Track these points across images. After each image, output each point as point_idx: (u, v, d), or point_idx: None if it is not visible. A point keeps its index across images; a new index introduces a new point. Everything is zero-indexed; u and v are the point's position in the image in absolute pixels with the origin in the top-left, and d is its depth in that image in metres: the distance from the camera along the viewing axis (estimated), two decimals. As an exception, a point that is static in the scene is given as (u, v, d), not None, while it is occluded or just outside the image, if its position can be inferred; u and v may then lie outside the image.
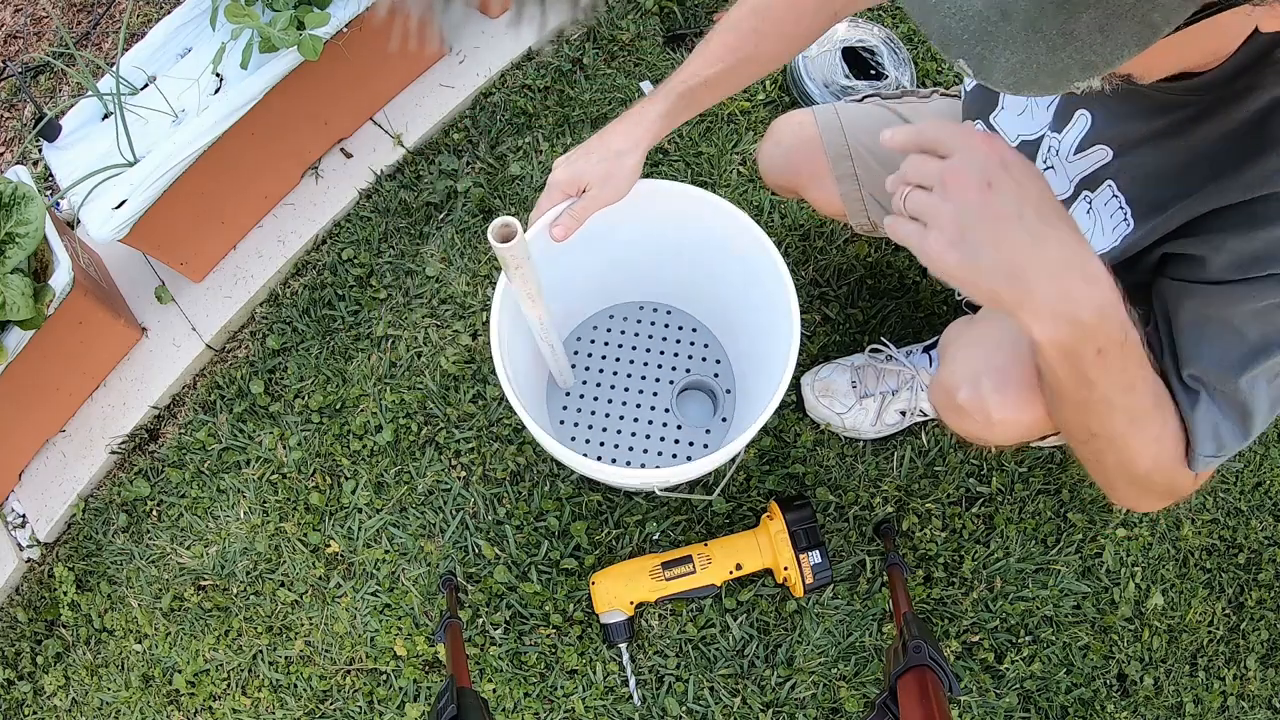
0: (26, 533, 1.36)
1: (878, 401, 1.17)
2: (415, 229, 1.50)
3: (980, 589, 1.26)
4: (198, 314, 1.44)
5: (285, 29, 1.23)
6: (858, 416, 1.17)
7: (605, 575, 1.17)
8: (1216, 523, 1.35)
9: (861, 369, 1.20)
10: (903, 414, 1.18)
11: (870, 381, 1.18)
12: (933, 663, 0.70)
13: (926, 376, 1.19)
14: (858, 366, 1.20)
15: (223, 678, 1.26)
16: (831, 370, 1.19)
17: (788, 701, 1.21)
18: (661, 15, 1.69)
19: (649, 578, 1.15)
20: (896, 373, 1.19)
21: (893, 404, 1.18)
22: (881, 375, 1.19)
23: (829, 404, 1.20)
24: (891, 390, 1.18)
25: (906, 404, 1.17)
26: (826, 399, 1.17)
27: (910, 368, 1.19)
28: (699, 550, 1.17)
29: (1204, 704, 1.26)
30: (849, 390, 1.17)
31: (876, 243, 1.48)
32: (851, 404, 1.16)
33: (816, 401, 1.21)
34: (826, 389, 1.17)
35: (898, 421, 1.20)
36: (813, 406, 1.22)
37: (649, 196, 1.04)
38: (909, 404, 1.17)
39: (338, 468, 1.35)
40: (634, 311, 1.39)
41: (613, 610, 1.16)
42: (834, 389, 1.17)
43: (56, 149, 1.31)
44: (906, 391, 1.17)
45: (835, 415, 1.18)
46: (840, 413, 1.17)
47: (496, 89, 1.61)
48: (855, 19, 1.58)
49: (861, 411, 1.17)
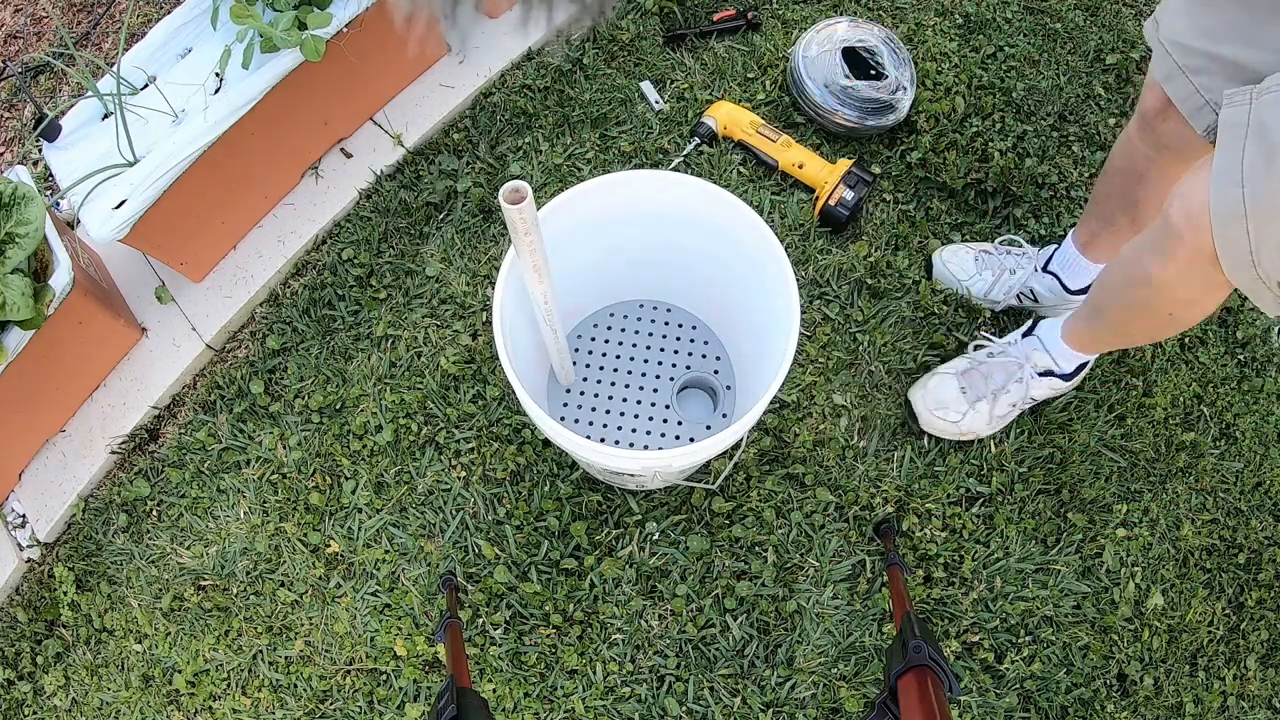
0: (26, 533, 1.36)
1: (989, 402, 1.17)
2: (415, 229, 1.50)
3: (980, 589, 1.26)
4: (198, 314, 1.44)
5: (287, 29, 1.23)
6: (973, 421, 1.17)
7: (724, 104, 1.54)
8: (1216, 523, 1.35)
9: (967, 373, 1.20)
10: (1014, 406, 1.20)
11: (979, 384, 1.19)
12: (933, 663, 0.70)
13: (1039, 359, 1.18)
14: (963, 371, 1.21)
15: (223, 678, 1.26)
16: (938, 382, 1.19)
17: (788, 701, 1.21)
18: (661, 15, 1.69)
19: (749, 123, 1.50)
20: (1003, 365, 1.19)
21: (1004, 398, 1.18)
22: (988, 375, 1.19)
23: (943, 415, 1.21)
24: (1001, 387, 1.18)
25: (1018, 396, 1.18)
26: (940, 411, 1.18)
27: (1017, 356, 1.19)
28: (790, 139, 1.50)
29: (1204, 704, 1.26)
30: (959, 397, 1.18)
31: (877, 242, 1.48)
32: (965, 410, 1.17)
33: (931, 416, 1.22)
34: (938, 402, 1.18)
35: (1008, 413, 1.20)
36: (928, 422, 1.22)
37: (653, 187, 1.04)
38: (1020, 396, 1.18)
39: (338, 468, 1.35)
40: (634, 309, 1.39)
41: (711, 118, 1.53)
42: (945, 400, 1.18)
43: (56, 149, 1.31)
44: (1015, 385, 1.17)
45: (951, 425, 1.18)
46: (955, 421, 1.17)
47: (496, 89, 1.61)
48: (855, 19, 1.59)
49: (975, 415, 1.18)
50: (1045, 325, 1.24)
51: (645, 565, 1.26)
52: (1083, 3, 1.76)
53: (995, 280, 1.37)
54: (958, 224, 1.51)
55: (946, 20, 1.70)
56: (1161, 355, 1.43)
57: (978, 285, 1.39)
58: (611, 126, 1.57)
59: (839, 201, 1.43)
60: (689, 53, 1.65)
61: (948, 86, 1.60)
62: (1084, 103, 1.64)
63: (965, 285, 1.40)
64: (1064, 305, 1.35)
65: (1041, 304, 1.37)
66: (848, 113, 1.50)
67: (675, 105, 1.59)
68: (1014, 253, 1.39)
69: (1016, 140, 1.58)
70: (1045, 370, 1.19)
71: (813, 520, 1.29)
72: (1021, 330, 1.27)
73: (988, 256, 1.39)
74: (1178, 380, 1.42)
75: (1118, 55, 1.69)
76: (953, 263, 1.41)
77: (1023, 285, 1.36)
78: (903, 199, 1.52)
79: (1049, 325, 1.24)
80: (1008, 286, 1.36)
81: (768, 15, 1.70)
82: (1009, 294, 1.37)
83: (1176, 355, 1.44)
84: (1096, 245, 1.26)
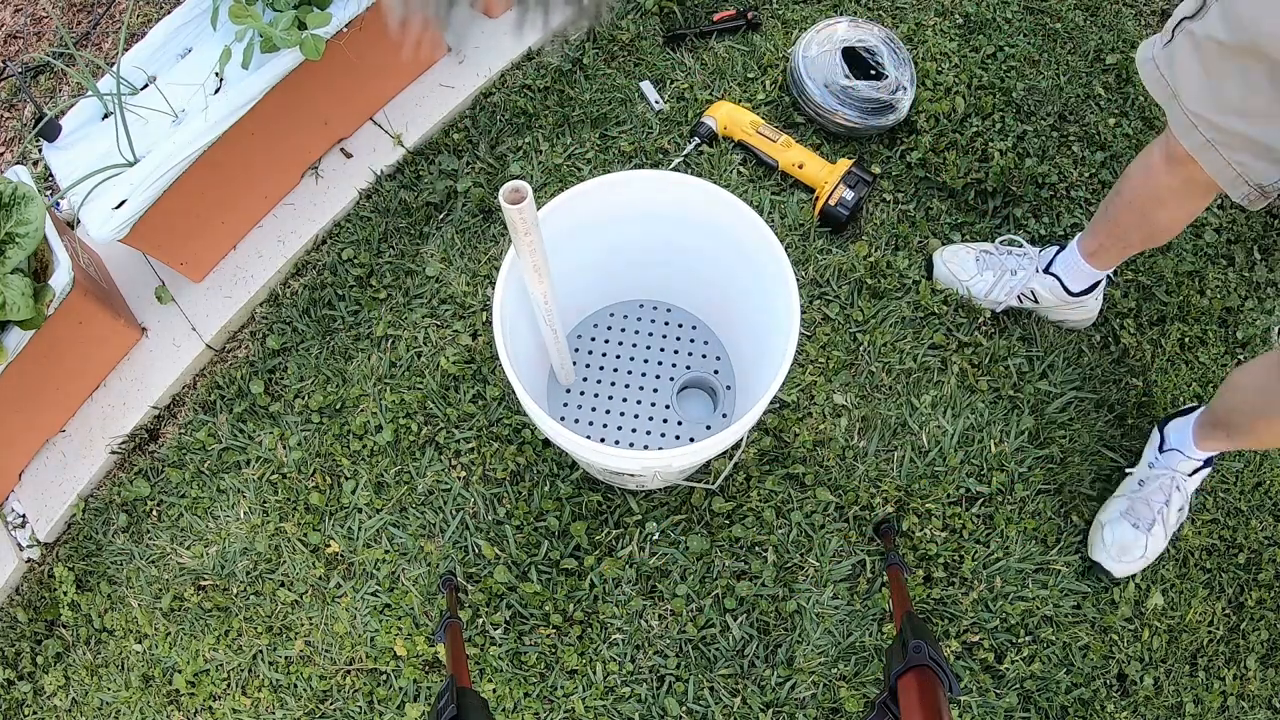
0: (26, 533, 1.36)
1: (1161, 523, 1.27)
2: (415, 229, 1.50)
3: (980, 589, 1.26)
4: (198, 314, 1.44)
5: (287, 29, 1.23)
6: (1156, 544, 1.27)
7: (724, 104, 1.54)
8: (1216, 523, 1.35)
9: (1130, 510, 1.29)
10: (1181, 509, 1.28)
11: (1145, 513, 1.28)
12: (933, 663, 0.70)
13: (1184, 465, 1.27)
14: (1126, 510, 1.29)
15: (223, 678, 1.26)
16: (1112, 531, 1.29)
17: (788, 701, 1.21)
18: (661, 15, 1.69)
19: (749, 123, 1.51)
20: (1158, 487, 1.28)
21: (1171, 513, 1.27)
22: (1149, 500, 1.28)
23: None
24: (1164, 503, 1.27)
25: (1181, 502, 1.27)
26: (1127, 556, 1.27)
27: (1164, 472, 1.28)
28: (790, 139, 1.50)
29: (1204, 704, 1.26)
30: (1136, 533, 1.27)
31: (877, 242, 1.48)
32: (1145, 541, 1.26)
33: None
34: (1122, 549, 1.27)
35: (1179, 517, 1.29)
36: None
37: (653, 187, 1.04)
38: (1182, 502, 1.28)
39: (338, 468, 1.35)
40: (634, 310, 1.39)
41: (711, 118, 1.53)
42: (1126, 543, 1.27)
43: (56, 149, 1.31)
44: (1176, 494, 1.27)
45: (1140, 560, 1.27)
46: (1142, 555, 1.27)
47: (496, 89, 1.61)
48: (855, 19, 1.59)
49: (1155, 539, 1.27)
50: (1175, 431, 1.28)
51: (645, 565, 1.26)
52: (1083, 3, 1.76)
53: (996, 280, 1.38)
54: (958, 224, 1.51)
55: (946, 20, 1.70)
56: (1161, 355, 1.43)
57: (978, 285, 1.40)
58: (611, 126, 1.57)
59: (839, 201, 1.43)
60: (689, 53, 1.65)
61: (948, 86, 1.60)
62: (1084, 103, 1.64)
63: (966, 285, 1.41)
64: (1064, 307, 1.36)
65: (1041, 304, 1.38)
66: (848, 113, 1.50)
67: (675, 105, 1.59)
68: (1015, 253, 1.40)
69: (1016, 140, 1.58)
70: (1193, 470, 1.27)
71: (813, 520, 1.29)
72: (1154, 447, 1.31)
73: (989, 257, 1.40)
74: (1177, 380, 1.42)
75: (1118, 55, 1.69)
76: (953, 263, 1.42)
77: (1024, 286, 1.36)
78: (903, 199, 1.52)
79: (1179, 430, 1.28)
80: (1009, 287, 1.37)
81: (768, 15, 1.70)
82: (1010, 294, 1.38)
83: (1176, 355, 1.44)
84: (1104, 256, 1.27)
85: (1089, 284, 1.32)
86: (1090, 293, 1.34)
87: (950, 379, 1.39)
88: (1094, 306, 1.38)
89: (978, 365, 1.40)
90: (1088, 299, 1.35)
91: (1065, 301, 1.35)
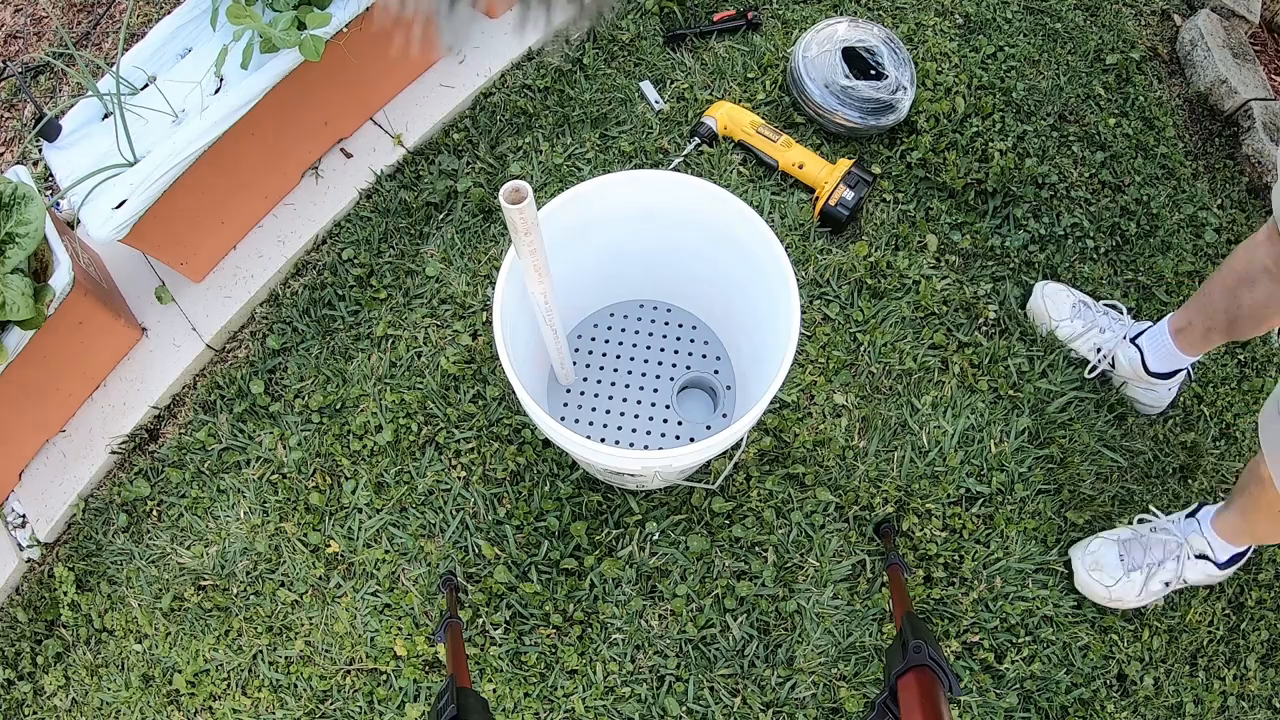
0: (26, 533, 1.36)
1: (1144, 574, 1.24)
2: (415, 229, 1.50)
3: (980, 589, 1.26)
4: (198, 314, 1.44)
5: (286, 29, 1.23)
6: (1124, 588, 1.24)
7: (724, 104, 1.55)
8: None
9: (1128, 542, 1.26)
10: (1166, 584, 1.25)
11: (1137, 554, 1.25)
12: (933, 663, 0.70)
13: (1197, 541, 1.24)
14: (1124, 540, 1.27)
15: (223, 678, 1.26)
16: (1100, 545, 1.27)
17: (788, 701, 1.21)
18: (661, 15, 1.69)
19: (749, 123, 1.51)
20: (1163, 543, 1.25)
21: (1158, 575, 1.24)
22: (1148, 547, 1.25)
23: (1098, 577, 1.26)
24: (1158, 561, 1.24)
25: (1172, 575, 1.24)
26: (1096, 573, 1.25)
27: (1178, 535, 1.25)
28: (790, 139, 1.51)
29: (1204, 704, 1.26)
30: (1117, 564, 1.25)
31: (877, 242, 1.48)
32: (1119, 577, 1.24)
33: (1087, 576, 1.27)
34: (1096, 564, 1.25)
35: (1160, 590, 1.26)
36: (1083, 582, 1.27)
37: (653, 187, 1.04)
38: (1174, 574, 1.24)
39: (338, 468, 1.35)
40: (634, 310, 1.39)
41: (711, 118, 1.53)
42: (1103, 563, 1.25)
43: (56, 149, 1.31)
44: (1172, 562, 1.24)
45: (1103, 589, 1.25)
46: (1108, 585, 1.24)
47: (496, 89, 1.61)
48: (855, 19, 1.59)
49: (1128, 584, 1.24)
50: (1206, 510, 1.26)
51: (645, 565, 1.26)
52: (1083, 3, 1.76)
53: (1084, 332, 1.38)
54: (958, 224, 1.51)
55: (946, 20, 1.70)
56: (1161, 355, 1.43)
57: (1065, 330, 1.40)
58: (611, 126, 1.57)
59: (839, 201, 1.43)
60: (689, 53, 1.65)
61: (948, 86, 1.60)
62: (1084, 103, 1.64)
63: (1054, 324, 1.40)
64: (1138, 382, 1.35)
65: (1118, 371, 1.37)
66: (848, 113, 1.50)
67: (675, 105, 1.59)
68: (1110, 315, 1.39)
69: (1016, 140, 1.58)
70: (1200, 554, 1.24)
71: (813, 520, 1.29)
72: (1185, 511, 1.29)
73: (1084, 308, 1.39)
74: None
75: (1118, 55, 1.69)
76: (1051, 300, 1.41)
77: (1108, 346, 1.36)
78: (903, 199, 1.52)
79: (1209, 510, 1.26)
80: (1092, 342, 1.37)
81: (768, 15, 1.70)
82: (1090, 349, 1.38)
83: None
84: (1189, 335, 1.26)
85: (1168, 368, 1.31)
86: (1166, 379, 1.32)
87: (950, 379, 1.39)
88: (1164, 396, 1.36)
89: (978, 365, 1.40)
90: (1161, 384, 1.33)
91: (1140, 377, 1.34)
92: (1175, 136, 1.64)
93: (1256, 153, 1.60)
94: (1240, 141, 1.63)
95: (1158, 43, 1.75)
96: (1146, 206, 1.56)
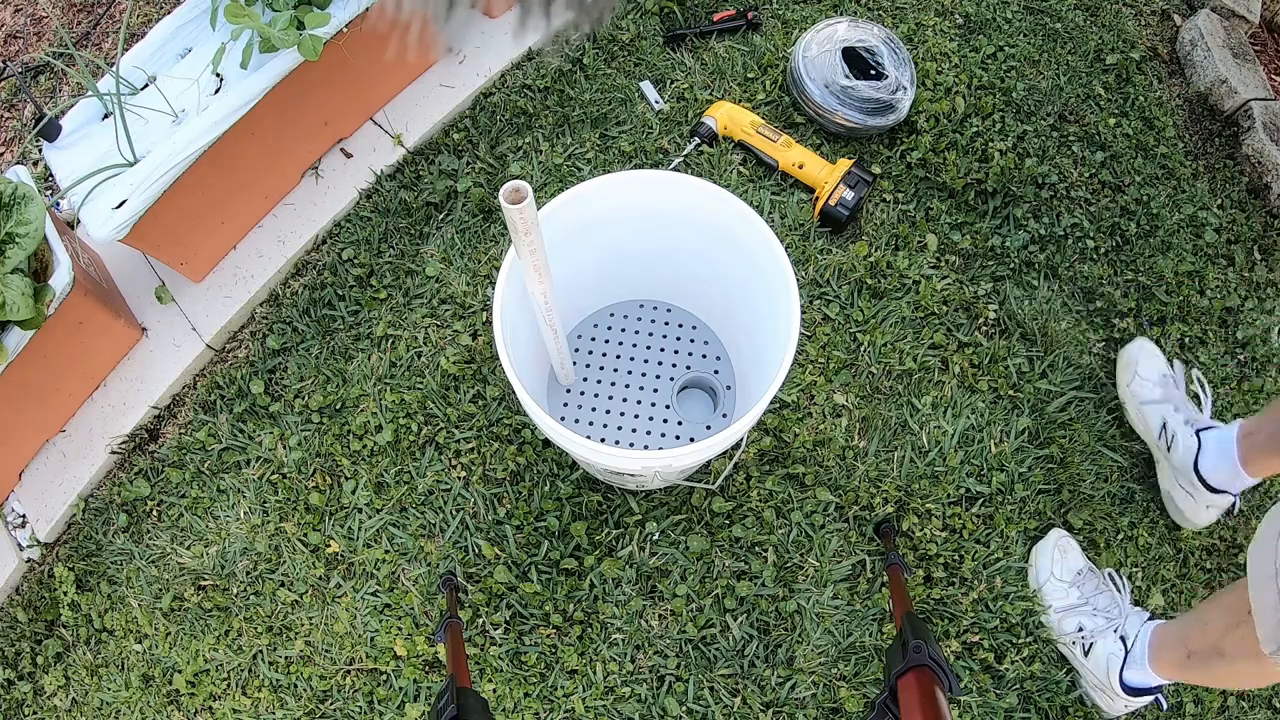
0: (26, 533, 1.36)
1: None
2: (415, 229, 1.50)
3: (980, 589, 1.26)
4: (198, 314, 1.44)
5: (285, 29, 1.23)
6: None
7: (724, 104, 1.55)
8: (1217, 523, 1.35)
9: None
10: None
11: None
12: (933, 663, 0.70)
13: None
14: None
15: (223, 678, 1.26)
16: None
17: (788, 701, 1.21)
18: (661, 15, 1.69)
19: (749, 123, 1.51)
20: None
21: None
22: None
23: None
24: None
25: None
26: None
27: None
28: (790, 139, 1.51)
29: (1204, 704, 1.26)
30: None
31: (877, 242, 1.48)
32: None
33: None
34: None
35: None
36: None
37: (653, 187, 1.04)
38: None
39: (338, 468, 1.35)
40: (634, 310, 1.39)
41: (711, 118, 1.53)
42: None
43: (56, 149, 1.31)
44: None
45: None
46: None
47: (496, 89, 1.61)
48: (855, 19, 1.59)
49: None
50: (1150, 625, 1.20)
51: (645, 565, 1.26)
52: (1083, 3, 1.76)
53: (1159, 400, 1.34)
54: (958, 224, 1.51)
55: (946, 20, 1.70)
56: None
57: (1139, 387, 1.36)
58: (611, 126, 1.57)
59: (839, 201, 1.43)
60: (689, 53, 1.65)
61: (948, 86, 1.61)
62: (1084, 103, 1.64)
63: (1133, 378, 1.37)
64: (1183, 478, 1.29)
65: (1171, 456, 1.31)
66: (848, 113, 1.50)
67: (675, 105, 1.59)
68: (1188, 400, 1.34)
69: (1016, 140, 1.58)
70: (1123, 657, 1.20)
71: (813, 520, 1.29)
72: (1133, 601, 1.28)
73: (1168, 378, 1.35)
74: (1178, 380, 1.42)
75: (1118, 55, 1.69)
76: (1142, 358, 1.37)
77: (1173, 424, 1.32)
78: (903, 199, 1.52)
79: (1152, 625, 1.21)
80: (1160, 413, 1.33)
81: (768, 15, 1.70)
82: (1157, 418, 1.34)
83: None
84: (1252, 443, 1.22)
85: (1218, 481, 1.25)
86: (1211, 492, 1.26)
87: (950, 379, 1.39)
88: (1205, 515, 1.30)
89: (978, 365, 1.40)
90: (1205, 494, 1.27)
91: (1187, 474, 1.28)
92: (1175, 136, 1.65)
93: (1256, 153, 1.60)
94: (1240, 141, 1.63)
95: (1158, 43, 1.75)
96: (1146, 206, 1.56)
